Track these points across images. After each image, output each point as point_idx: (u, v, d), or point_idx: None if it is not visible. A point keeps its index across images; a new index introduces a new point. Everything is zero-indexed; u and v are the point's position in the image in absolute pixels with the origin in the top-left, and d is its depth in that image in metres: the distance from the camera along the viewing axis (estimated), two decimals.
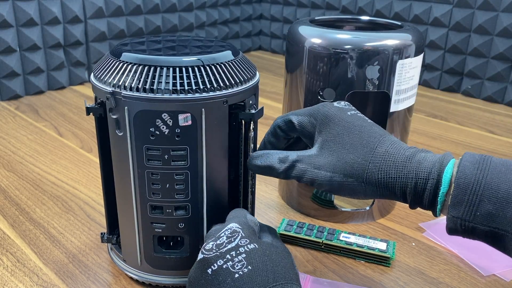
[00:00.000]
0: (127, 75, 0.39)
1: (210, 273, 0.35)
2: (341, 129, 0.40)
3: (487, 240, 0.36)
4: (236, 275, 0.34)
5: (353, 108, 0.44)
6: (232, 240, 0.36)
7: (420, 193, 0.37)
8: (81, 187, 0.67)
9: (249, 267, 0.34)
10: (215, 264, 0.35)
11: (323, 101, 0.55)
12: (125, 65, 0.40)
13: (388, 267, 0.52)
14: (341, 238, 0.54)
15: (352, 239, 0.54)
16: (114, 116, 0.41)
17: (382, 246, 0.53)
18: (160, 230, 0.44)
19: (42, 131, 0.86)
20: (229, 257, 0.35)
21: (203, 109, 0.40)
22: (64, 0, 1.04)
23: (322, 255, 0.53)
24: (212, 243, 0.36)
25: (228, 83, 0.40)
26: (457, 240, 0.56)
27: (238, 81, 0.41)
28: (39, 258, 0.52)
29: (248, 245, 0.36)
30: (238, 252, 0.35)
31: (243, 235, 0.37)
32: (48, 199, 0.64)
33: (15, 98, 1.03)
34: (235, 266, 0.34)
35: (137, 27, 1.19)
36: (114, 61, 0.41)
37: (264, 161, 0.42)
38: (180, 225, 0.44)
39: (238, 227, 0.37)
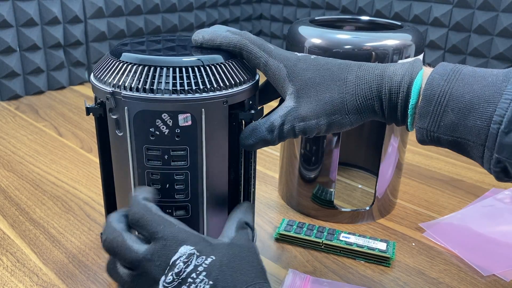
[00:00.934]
0: (127, 75, 0.39)
1: None
2: (311, 73, 0.41)
3: (452, 148, 0.37)
4: None
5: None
6: (189, 263, 0.34)
7: (394, 107, 0.39)
8: (81, 187, 0.67)
9: (211, 282, 0.33)
10: None
11: None
12: (125, 65, 0.40)
13: (388, 267, 0.52)
14: (341, 238, 0.54)
15: (352, 239, 0.54)
16: (114, 116, 0.41)
17: (382, 246, 0.53)
18: None
19: (42, 131, 0.86)
20: (191, 280, 0.33)
21: (203, 109, 0.40)
22: (64, 0, 1.04)
23: (322, 255, 0.53)
24: (170, 274, 0.34)
25: (228, 83, 0.40)
26: (457, 240, 0.56)
27: (238, 81, 0.41)
28: (39, 258, 0.52)
29: (205, 261, 0.34)
30: (197, 272, 0.34)
31: (198, 254, 0.35)
32: (48, 199, 0.64)
33: (15, 98, 1.03)
34: (198, 287, 0.33)
35: (137, 27, 1.19)
36: (114, 61, 0.41)
37: (255, 138, 0.42)
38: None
39: (190, 249, 0.35)
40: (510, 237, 0.57)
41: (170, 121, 0.39)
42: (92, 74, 0.43)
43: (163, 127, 0.39)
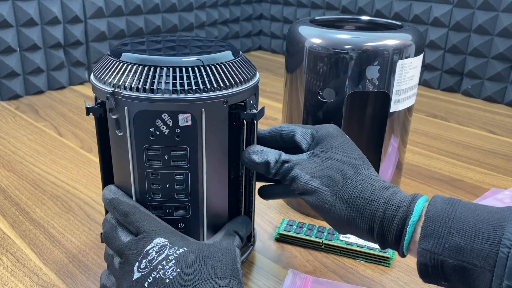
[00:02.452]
0: (127, 75, 0.39)
1: (146, 286, 0.36)
2: (336, 144, 0.43)
3: (456, 275, 0.35)
4: (167, 280, 0.35)
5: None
6: (161, 253, 0.37)
7: (390, 221, 0.37)
8: (81, 187, 0.67)
9: (178, 270, 0.36)
10: (150, 277, 0.36)
11: (323, 101, 0.55)
12: (125, 65, 0.40)
13: (388, 267, 0.52)
14: (341, 238, 0.54)
15: (352, 239, 0.54)
16: (114, 116, 0.41)
17: None
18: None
19: (42, 131, 0.86)
20: (161, 267, 0.36)
21: (203, 109, 0.40)
22: (64, 0, 1.04)
23: (322, 255, 0.53)
24: (144, 261, 0.37)
25: (228, 83, 0.40)
26: None
27: (238, 81, 0.41)
28: (39, 258, 0.52)
29: (177, 251, 0.37)
30: (168, 260, 0.37)
31: (171, 245, 0.38)
32: (48, 199, 0.64)
33: (15, 98, 1.03)
34: (166, 273, 0.36)
35: (137, 27, 1.19)
36: (114, 61, 0.41)
37: (263, 158, 0.43)
38: (180, 225, 0.44)
39: (164, 241, 0.38)
40: None
41: (170, 121, 0.39)
42: (92, 74, 0.43)
43: (163, 127, 0.39)
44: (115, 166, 0.44)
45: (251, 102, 0.43)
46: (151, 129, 0.40)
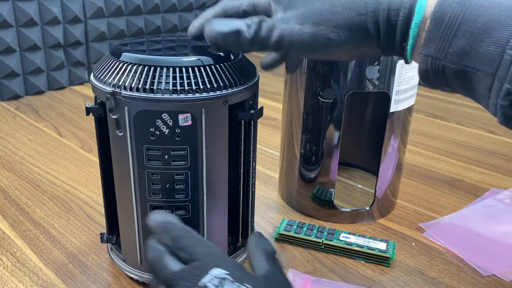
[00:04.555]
0: (127, 75, 0.39)
1: None
2: None
3: (456, 80, 0.33)
4: None
5: None
6: (221, 287, 0.32)
7: (393, 26, 0.34)
8: (81, 187, 0.67)
9: None
10: None
11: (323, 101, 0.55)
12: (125, 65, 0.40)
13: (388, 267, 0.52)
14: (341, 238, 0.54)
15: (352, 239, 0.54)
16: (114, 116, 0.41)
17: (382, 246, 0.53)
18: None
19: (42, 131, 0.86)
20: None
21: (203, 109, 0.40)
22: (64, 0, 1.04)
23: (322, 255, 0.53)
24: None
25: (228, 83, 0.40)
26: (457, 240, 0.56)
27: (238, 81, 0.41)
28: (39, 258, 0.52)
29: (241, 287, 0.32)
30: None
31: (232, 280, 0.32)
32: (48, 199, 0.64)
33: (15, 98, 1.03)
34: None
35: (137, 27, 1.19)
36: (114, 61, 0.41)
37: (230, 26, 0.37)
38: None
39: (224, 273, 0.33)
40: (510, 237, 0.57)
41: (170, 121, 0.39)
42: (92, 74, 0.43)
43: (163, 127, 0.39)
44: (115, 166, 0.44)
45: (250, 102, 0.43)
46: (151, 129, 0.40)
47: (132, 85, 0.39)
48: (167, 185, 0.42)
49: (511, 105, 0.31)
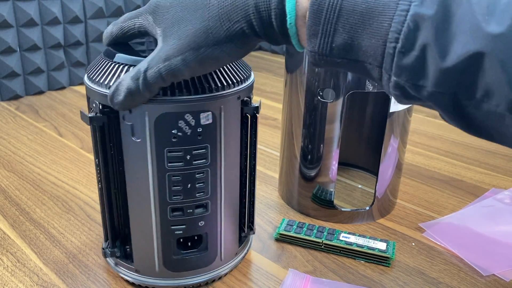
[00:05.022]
0: None
1: None
2: (174, 9, 0.36)
3: (352, 71, 0.32)
4: None
5: None
6: None
7: (269, 28, 0.33)
8: (81, 187, 0.67)
9: None
10: None
11: (323, 101, 0.55)
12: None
13: (388, 267, 0.52)
14: (341, 238, 0.54)
15: (352, 239, 0.54)
16: (129, 123, 0.40)
17: (382, 246, 0.53)
18: (181, 232, 0.44)
19: (42, 131, 0.86)
20: None
21: (222, 106, 0.40)
22: (64, 0, 1.05)
23: (322, 255, 0.53)
24: None
25: (239, 79, 0.41)
26: (457, 240, 0.56)
27: (246, 76, 0.42)
28: (39, 258, 0.52)
29: None
30: None
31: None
32: (48, 199, 0.64)
33: (15, 98, 1.03)
34: None
35: None
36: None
37: (121, 91, 0.37)
38: (200, 223, 0.44)
39: None
40: (510, 237, 0.57)
41: (193, 121, 0.39)
42: (88, 81, 0.42)
43: (186, 128, 0.40)
44: (130, 174, 0.42)
45: (250, 97, 0.45)
46: (173, 131, 0.39)
47: None
48: (189, 185, 0.42)
49: (401, 94, 0.30)
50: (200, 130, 0.40)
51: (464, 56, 0.27)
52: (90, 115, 0.40)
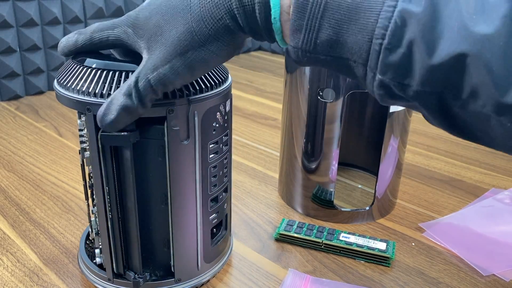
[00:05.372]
0: None
1: None
2: (155, 18, 0.35)
3: (334, 69, 0.32)
4: None
5: None
6: None
7: (253, 23, 0.33)
8: (81, 187, 0.67)
9: None
10: None
11: (323, 101, 0.55)
12: None
13: (388, 267, 0.52)
14: (341, 238, 0.54)
15: (352, 239, 0.54)
16: (176, 128, 0.39)
17: (382, 246, 0.53)
18: (216, 220, 0.46)
19: (42, 131, 0.86)
20: None
21: (231, 94, 0.44)
22: (64, 1, 1.05)
23: (322, 255, 0.53)
24: None
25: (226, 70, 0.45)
26: (457, 240, 0.56)
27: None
28: (39, 258, 0.52)
29: None
30: None
31: None
32: (48, 199, 0.64)
33: (15, 99, 1.03)
34: None
35: None
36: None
37: (114, 110, 0.35)
38: (225, 206, 0.46)
39: None
40: (510, 237, 0.57)
41: (223, 110, 0.42)
42: (81, 94, 0.38)
43: (220, 118, 0.42)
44: (175, 179, 0.41)
45: None
46: (214, 124, 0.41)
47: (201, 86, 0.39)
48: (220, 172, 0.44)
49: (386, 93, 0.30)
50: (226, 117, 0.43)
51: (451, 55, 0.26)
52: (117, 133, 0.37)
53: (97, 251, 0.45)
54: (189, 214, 0.43)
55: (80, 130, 0.40)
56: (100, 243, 0.44)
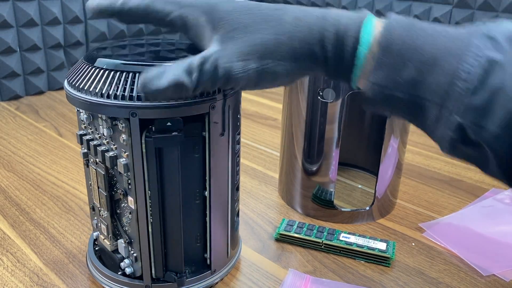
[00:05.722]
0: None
1: None
2: (237, 14, 0.34)
3: (403, 109, 0.32)
4: None
5: None
6: None
7: (340, 54, 0.33)
8: (81, 187, 0.67)
9: None
10: None
11: (323, 101, 0.55)
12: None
13: (388, 267, 0.52)
14: (341, 238, 0.54)
15: (352, 239, 0.54)
16: (217, 122, 0.40)
17: (382, 246, 0.53)
18: (237, 208, 0.47)
19: (42, 132, 0.86)
20: None
21: None
22: (64, 1, 1.05)
23: (322, 255, 0.53)
24: None
25: None
26: (457, 240, 0.56)
27: None
28: (39, 258, 0.52)
29: None
30: None
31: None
32: (48, 199, 0.64)
33: (15, 99, 1.03)
34: None
35: (137, 27, 1.19)
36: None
37: (167, 80, 0.32)
38: (238, 192, 0.47)
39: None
40: (510, 237, 0.57)
41: (240, 102, 0.44)
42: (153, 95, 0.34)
43: (240, 110, 0.44)
44: (215, 173, 0.42)
45: None
46: (238, 116, 0.43)
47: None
48: (237, 158, 0.45)
49: (459, 138, 0.30)
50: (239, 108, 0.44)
51: None
52: (173, 134, 0.37)
53: (126, 261, 0.43)
54: (224, 205, 0.45)
55: (92, 139, 0.41)
56: (132, 252, 0.43)
